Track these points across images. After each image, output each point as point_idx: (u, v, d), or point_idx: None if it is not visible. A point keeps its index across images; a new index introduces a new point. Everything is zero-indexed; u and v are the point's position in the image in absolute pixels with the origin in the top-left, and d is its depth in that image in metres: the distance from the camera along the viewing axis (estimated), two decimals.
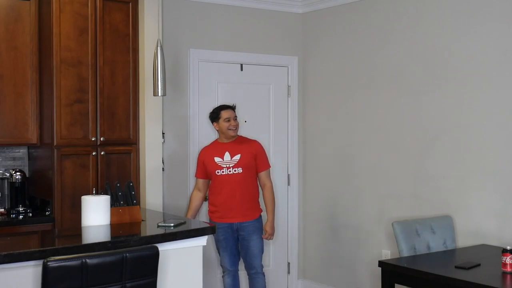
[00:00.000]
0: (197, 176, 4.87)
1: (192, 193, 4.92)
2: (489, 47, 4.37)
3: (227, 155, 4.71)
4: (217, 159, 4.71)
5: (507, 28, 4.26)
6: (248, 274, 4.83)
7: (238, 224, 4.70)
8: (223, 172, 4.69)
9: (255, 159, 4.75)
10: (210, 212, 4.81)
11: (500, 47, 4.31)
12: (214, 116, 4.75)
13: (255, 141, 4.86)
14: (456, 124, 4.57)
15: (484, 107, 4.40)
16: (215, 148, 4.79)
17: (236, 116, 4.76)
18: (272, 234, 4.81)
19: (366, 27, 5.28)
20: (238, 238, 4.75)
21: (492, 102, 4.36)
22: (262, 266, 4.81)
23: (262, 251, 4.80)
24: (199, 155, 4.88)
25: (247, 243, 4.72)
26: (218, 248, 4.83)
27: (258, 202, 4.81)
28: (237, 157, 4.70)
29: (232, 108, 4.77)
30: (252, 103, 5.68)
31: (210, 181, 4.81)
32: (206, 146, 4.90)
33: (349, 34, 5.44)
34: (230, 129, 4.69)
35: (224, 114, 4.71)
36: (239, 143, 4.76)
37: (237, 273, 4.85)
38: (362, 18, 5.32)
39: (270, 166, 4.87)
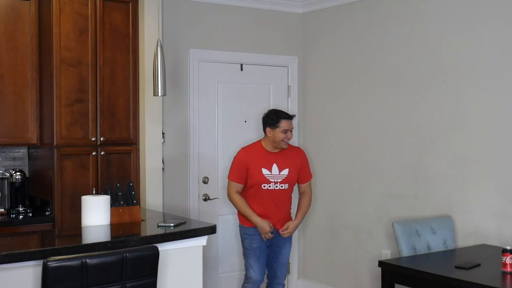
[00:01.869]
0: (236, 181, 4.43)
1: (235, 196, 4.45)
2: (489, 47, 4.38)
3: (275, 168, 4.40)
4: (265, 171, 4.37)
5: (507, 28, 4.26)
6: (270, 283, 4.62)
7: (274, 231, 4.45)
8: (269, 187, 4.40)
9: (299, 171, 4.51)
10: (241, 215, 4.53)
11: (500, 47, 4.31)
12: (272, 122, 4.36)
13: (299, 149, 4.66)
14: (456, 124, 4.57)
15: (484, 107, 4.40)
16: (263, 156, 4.40)
17: (293, 128, 4.45)
18: (290, 233, 4.50)
19: (366, 27, 5.28)
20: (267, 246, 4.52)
21: (492, 102, 4.36)
22: (285, 277, 4.64)
23: (288, 261, 4.64)
24: (240, 157, 4.45)
25: (279, 250, 4.51)
26: (248, 257, 4.49)
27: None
28: (285, 171, 4.41)
29: (292, 118, 4.43)
30: (252, 103, 5.68)
31: (246, 186, 4.45)
32: (248, 149, 4.49)
33: (349, 34, 5.44)
34: (284, 141, 4.36)
35: (284, 124, 4.34)
36: (286, 153, 4.44)
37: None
38: (362, 18, 5.31)
39: (312, 176, 4.67)
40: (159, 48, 4.26)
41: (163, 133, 5.02)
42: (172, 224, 3.57)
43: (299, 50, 5.90)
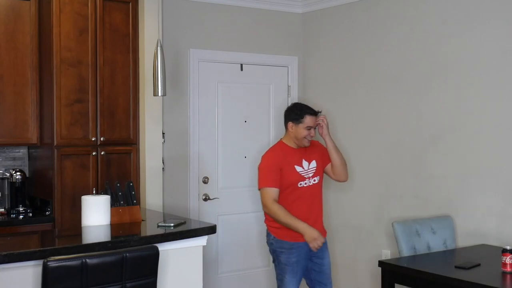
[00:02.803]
0: (273, 185, 3.98)
1: (275, 205, 3.95)
2: (489, 47, 4.38)
3: (305, 163, 4.07)
4: (298, 169, 4.04)
5: (507, 28, 4.26)
6: None
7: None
8: (305, 183, 4.04)
9: (323, 158, 4.16)
10: (276, 228, 4.05)
11: (500, 47, 4.31)
12: (296, 117, 4.02)
13: (317, 142, 4.25)
14: (456, 124, 4.57)
15: (484, 107, 4.41)
16: (291, 154, 4.06)
17: (317, 125, 4.12)
18: (326, 125, 4.11)
19: (366, 27, 5.28)
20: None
21: (492, 102, 4.36)
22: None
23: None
24: (270, 160, 4.07)
25: (321, 261, 4.12)
26: (284, 272, 4.03)
27: None
28: (314, 164, 4.10)
29: (318, 115, 4.10)
30: (252, 103, 5.68)
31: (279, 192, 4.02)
32: (274, 150, 4.14)
33: (349, 34, 5.44)
34: (306, 139, 4.03)
35: (309, 120, 4.00)
36: (306, 147, 4.12)
37: None
38: (362, 18, 5.32)
39: None
40: (159, 48, 4.26)
41: (163, 133, 5.02)
42: (172, 224, 3.57)
43: (299, 50, 5.90)
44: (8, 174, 4.58)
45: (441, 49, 4.68)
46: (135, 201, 3.84)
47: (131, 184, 3.88)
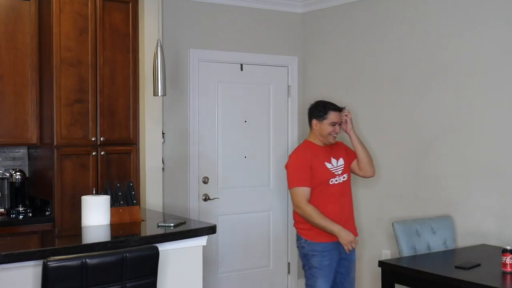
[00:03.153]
0: (305, 184, 3.89)
1: (308, 206, 3.87)
2: (489, 47, 4.38)
3: (333, 160, 4.02)
4: (328, 165, 3.97)
5: (507, 28, 4.26)
6: None
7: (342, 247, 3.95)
8: (336, 180, 3.98)
9: (348, 155, 4.13)
10: (307, 230, 3.97)
11: (500, 47, 4.31)
12: (319, 114, 3.98)
13: (340, 142, 4.23)
14: (456, 124, 4.57)
15: (484, 107, 4.41)
16: (318, 151, 3.99)
17: (341, 121, 4.07)
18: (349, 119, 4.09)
19: (366, 27, 5.28)
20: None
21: (492, 102, 4.36)
22: None
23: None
24: (300, 158, 3.97)
25: (348, 264, 4.05)
26: (316, 277, 3.93)
27: None
28: (341, 161, 4.05)
29: (342, 110, 4.06)
30: (252, 103, 5.68)
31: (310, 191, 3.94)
32: (301, 149, 4.06)
33: (349, 34, 5.44)
34: (331, 135, 3.98)
35: (333, 116, 3.96)
36: (332, 143, 4.07)
37: None
38: (362, 18, 5.32)
39: None
40: (159, 48, 4.26)
41: (163, 133, 5.02)
42: (172, 224, 3.57)
43: (299, 50, 5.90)
44: (8, 174, 4.58)
45: (441, 49, 4.68)
46: (135, 201, 3.84)
47: (131, 184, 3.88)
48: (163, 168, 5.03)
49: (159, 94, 4.32)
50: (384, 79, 5.13)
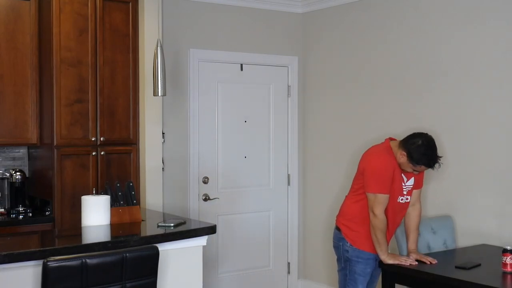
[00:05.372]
0: (386, 192, 3.75)
1: (382, 218, 3.76)
2: (489, 47, 4.38)
3: (405, 178, 3.85)
4: (402, 183, 3.84)
5: (507, 28, 4.26)
6: None
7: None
8: (402, 200, 3.86)
9: (418, 182, 3.95)
10: (354, 233, 3.91)
11: (500, 47, 4.31)
12: (413, 157, 3.70)
13: None
14: (456, 124, 4.57)
15: (484, 107, 4.40)
16: (398, 166, 3.81)
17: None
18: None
19: (366, 27, 5.28)
20: None
21: (492, 102, 4.36)
22: None
23: None
24: (383, 164, 3.79)
25: (377, 273, 4.02)
26: (357, 283, 3.91)
27: None
28: (411, 181, 3.88)
29: (433, 168, 3.79)
30: (252, 103, 5.68)
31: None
32: (387, 155, 3.83)
33: (349, 34, 5.44)
34: (405, 171, 3.81)
35: (421, 168, 3.77)
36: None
37: None
38: (362, 18, 5.31)
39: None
40: (159, 48, 4.26)
41: (163, 133, 5.02)
42: (172, 224, 3.57)
43: (299, 50, 5.90)
44: (8, 174, 4.58)
45: (441, 49, 4.68)
46: (135, 201, 3.84)
47: (131, 184, 3.88)
48: (163, 168, 5.03)
49: (159, 94, 4.32)
50: (384, 79, 5.12)
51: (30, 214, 4.49)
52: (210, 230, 3.62)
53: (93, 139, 4.51)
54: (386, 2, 5.11)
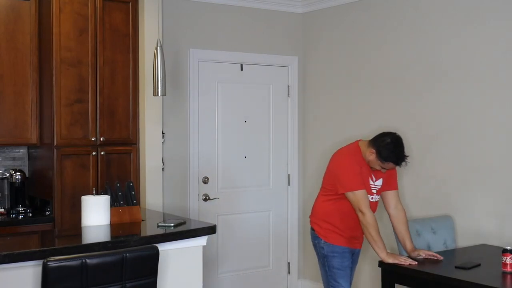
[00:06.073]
0: (362, 187, 3.83)
1: (371, 217, 3.82)
2: (489, 47, 4.37)
3: (374, 177, 3.95)
4: (371, 181, 3.93)
5: (507, 28, 4.26)
6: None
7: (356, 250, 4.08)
8: (372, 199, 3.93)
9: (387, 181, 4.02)
10: (325, 231, 3.98)
11: (500, 47, 4.31)
12: (382, 155, 3.80)
13: None
14: (456, 124, 4.57)
15: (484, 107, 4.40)
16: (365, 163, 3.91)
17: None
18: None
19: (366, 27, 5.28)
20: None
21: (492, 102, 4.36)
22: None
23: None
24: (350, 162, 3.91)
25: (353, 267, 4.13)
26: (337, 277, 3.97)
27: None
28: (380, 182, 3.97)
29: (400, 166, 3.89)
30: (252, 103, 5.68)
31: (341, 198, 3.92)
32: (354, 155, 3.95)
33: (349, 34, 5.44)
34: (374, 169, 3.90)
35: (389, 166, 3.85)
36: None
37: None
38: (362, 18, 5.32)
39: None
40: (159, 48, 4.26)
41: (163, 133, 5.02)
42: (172, 224, 3.57)
43: (299, 50, 5.90)
44: (8, 174, 4.58)
45: (441, 49, 4.68)
46: (135, 201, 3.84)
47: (131, 184, 3.88)
48: (163, 168, 5.03)
49: (159, 94, 4.32)
50: (384, 79, 5.12)
51: (30, 214, 4.49)
52: (210, 230, 3.62)
53: (93, 139, 4.51)
54: (386, 2, 5.11)
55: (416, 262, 3.75)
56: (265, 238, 5.77)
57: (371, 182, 3.95)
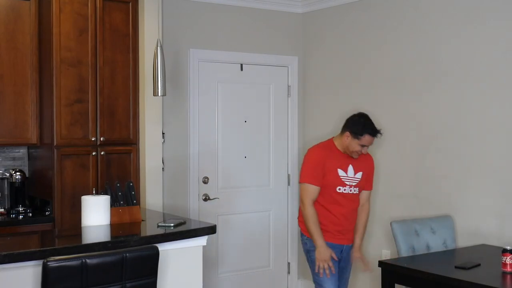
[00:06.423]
0: (315, 183, 3.96)
1: (310, 209, 3.96)
2: (489, 47, 4.38)
3: (350, 170, 4.03)
4: (341, 173, 4.00)
5: (507, 28, 4.26)
6: None
7: (344, 247, 4.12)
8: (345, 190, 4.01)
9: (366, 178, 4.15)
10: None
11: (500, 47, 4.31)
12: (356, 131, 3.94)
13: (370, 156, 4.23)
14: (456, 124, 4.57)
15: (484, 107, 4.41)
16: (338, 156, 4.02)
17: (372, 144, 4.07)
18: (361, 257, 4.18)
19: (366, 27, 5.28)
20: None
21: (492, 102, 4.36)
22: None
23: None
24: (316, 155, 4.03)
25: (345, 265, 4.19)
26: (320, 272, 4.03)
27: None
28: (359, 175, 4.06)
29: (377, 136, 4.02)
30: (252, 103, 5.68)
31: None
32: (323, 147, 4.09)
33: (349, 34, 5.44)
34: (354, 153, 3.99)
35: (367, 139, 3.95)
36: (360, 156, 4.06)
37: None
38: (362, 18, 5.32)
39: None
40: (159, 48, 4.26)
41: (163, 133, 5.02)
42: (172, 224, 3.57)
43: (299, 50, 5.90)
44: (8, 174, 4.58)
45: (441, 49, 4.68)
46: (135, 201, 3.84)
47: (131, 184, 3.88)
48: (163, 168, 5.03)
49: (159, 94, 4.32)
50: (384, 79, 5.13)
51: (30, 214, 4.49)
52: (210, 230, 3.62)
53: (93, 139, 4.51)
54: (386, 2, 5.11)
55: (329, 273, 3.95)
56: (265, 238, 5.77)
57: (347, 174, 4.02)
